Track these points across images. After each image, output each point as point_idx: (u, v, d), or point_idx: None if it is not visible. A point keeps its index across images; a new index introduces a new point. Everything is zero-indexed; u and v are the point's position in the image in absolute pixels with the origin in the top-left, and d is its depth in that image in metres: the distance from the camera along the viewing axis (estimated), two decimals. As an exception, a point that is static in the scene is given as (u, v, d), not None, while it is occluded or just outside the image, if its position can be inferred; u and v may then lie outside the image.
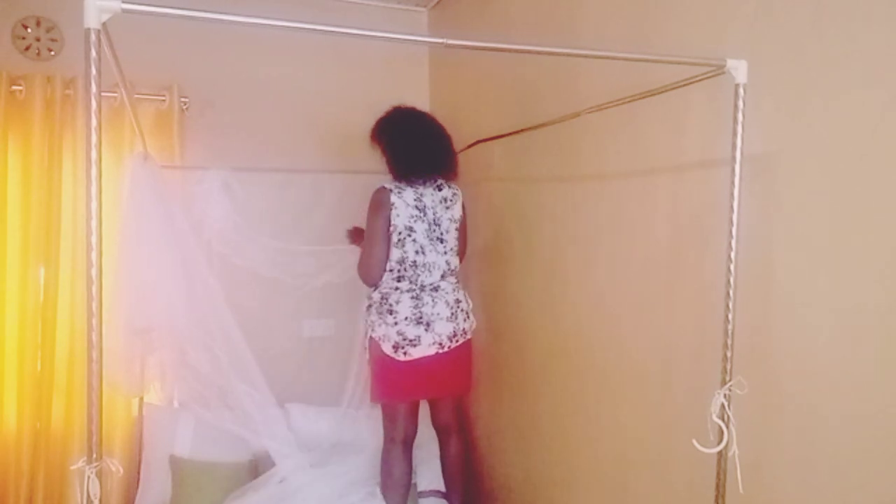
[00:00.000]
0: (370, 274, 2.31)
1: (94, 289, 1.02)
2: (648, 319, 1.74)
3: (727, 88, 1.31)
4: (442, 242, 2.32)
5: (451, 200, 2.37)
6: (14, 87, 2.56)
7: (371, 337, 2.32)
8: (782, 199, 1.31)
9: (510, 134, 2.23)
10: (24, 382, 2.57)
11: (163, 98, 2.75)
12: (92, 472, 1.04)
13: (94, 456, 1.05)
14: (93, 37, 0.99)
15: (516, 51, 1.35)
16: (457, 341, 2.32)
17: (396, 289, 2.28)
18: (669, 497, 1.67)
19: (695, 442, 1.29)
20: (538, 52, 1.41)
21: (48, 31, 2.67)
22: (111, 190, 2.67)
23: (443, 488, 2.66)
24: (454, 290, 2.35)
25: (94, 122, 1.01)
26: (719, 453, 1.33)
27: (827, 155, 1.22)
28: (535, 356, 2.36)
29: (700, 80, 1.34)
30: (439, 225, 2.33)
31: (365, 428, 2.71)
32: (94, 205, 1.02)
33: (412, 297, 2.27)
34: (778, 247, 1.32)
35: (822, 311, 1.24)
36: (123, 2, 1.00)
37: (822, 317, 1.24)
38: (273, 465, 2.53)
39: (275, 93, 2.95)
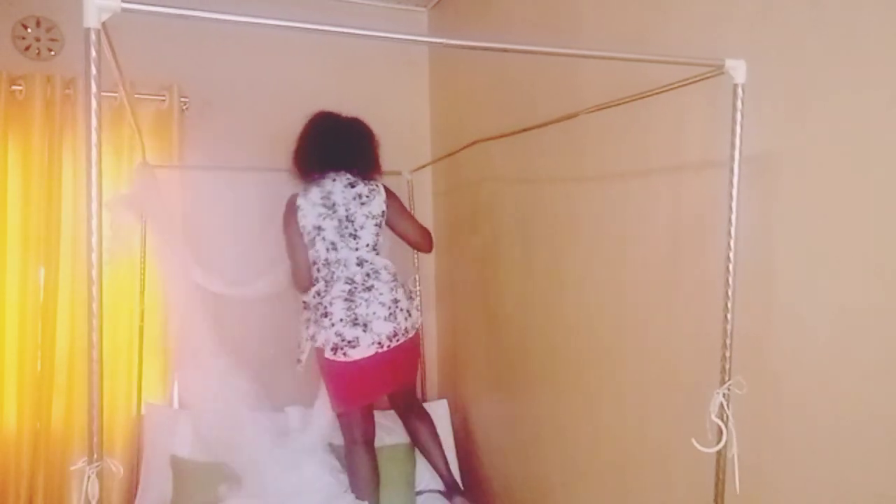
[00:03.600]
0: (299, 279, 2.38)
1: (94, 290, 1.02)
2: (648, 319, 1.74)
3: (727, 88, 1.31)
4: (355, 239, 2.31)
5: (367, 197, 2.34)
6: (14, 87, 2.55)
7: (316, 348, 2.32)
8: (782, 199, 1.31)
9: (510, 134, 2.23)
10: (24, 382, 2.57)
11: (162, 98, 2.75)
12: (93, 473, 1.04)
13: (95, 456, 1.05)
14: (92, 36, 0.99)
15: (514, 51, 1.34)
16: (397, 340, 2.28)
17: (326, 290, 2.28)
18: (669, 497, 1.67)
19: (694, 441, 1.29)
20: (536, 52, 1.41)
21: (48, 31, 2.67)
22: (110, 191, 2.70)
23: (441, 487, 2.65)
24: (391, 289, 2.30)
25: (94, 122, 1.00)
26: (718, 453, 1.33)
27: (827, 155, 1.22)
28: (534, 356, 2.36)
29: (699, 80, 1.34)
30: (352, 221, 2.31)
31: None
32: (94, 206, 1.02)
33: (344, 300, 2.25)
34: (777, 247, 1.33)
35: (822, 311, 1.24)
36: (123, 1, 0.99)
37: (821, 317, 1.24)
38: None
39: (275, 93, 2.95)
